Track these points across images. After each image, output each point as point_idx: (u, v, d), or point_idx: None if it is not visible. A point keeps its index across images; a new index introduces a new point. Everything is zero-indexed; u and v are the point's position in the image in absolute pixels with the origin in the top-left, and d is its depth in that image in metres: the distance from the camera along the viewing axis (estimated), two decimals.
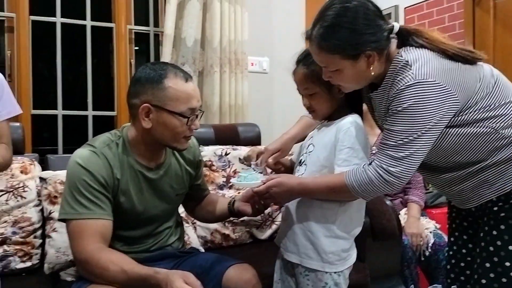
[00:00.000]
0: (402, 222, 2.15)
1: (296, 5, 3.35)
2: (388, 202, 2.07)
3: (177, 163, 1.52)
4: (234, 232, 2.12)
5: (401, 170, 1.17)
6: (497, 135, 1.20)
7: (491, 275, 1.25)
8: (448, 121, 1.17)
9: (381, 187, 1.19)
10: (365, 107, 1.43)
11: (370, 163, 1.21)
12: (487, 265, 1.25)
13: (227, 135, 2.44)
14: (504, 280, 1.22)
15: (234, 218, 1.88)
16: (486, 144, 1.21)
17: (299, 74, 1.34)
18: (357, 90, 1.31)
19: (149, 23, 3.00)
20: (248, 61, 3.08)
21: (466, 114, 1.19)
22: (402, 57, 1.19)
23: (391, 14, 3.16)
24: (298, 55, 1.36)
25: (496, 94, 1.22)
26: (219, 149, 2.27)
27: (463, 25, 2.77)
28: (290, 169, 1.54)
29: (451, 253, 1.44)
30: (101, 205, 1.31)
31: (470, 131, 1.20)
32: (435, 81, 1.13)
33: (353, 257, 1.38)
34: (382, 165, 1.18)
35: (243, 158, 1.56)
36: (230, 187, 2.18)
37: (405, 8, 3.13)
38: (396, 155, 1.16)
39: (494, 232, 1.25)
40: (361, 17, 1.15)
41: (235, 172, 2.21)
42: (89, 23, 2.80)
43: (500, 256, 1.23)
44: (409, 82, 1.14)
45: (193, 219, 1.91)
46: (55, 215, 1.69)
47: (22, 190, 1.80)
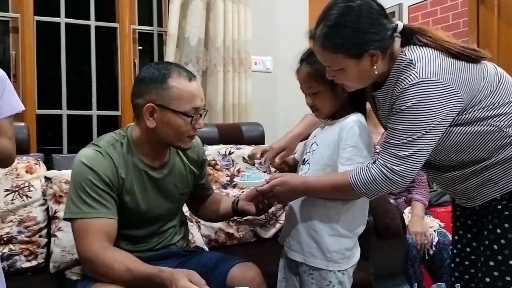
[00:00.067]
0: (406, 220, 2.15)
1: (299, 4, 3.35)
2: (392, 201, 2.07)
3: (181, 162, 1.52)
4: (238, 231, 2.13)
5: (405, 168, 1.16)
6: (501, 133, 1.20)
7: (495, 273, 1.25)
8: (452, 119, 1.17)
9: (385, 185, 1.19)
10: (368, 106, 1.43)
11: (374, 162, 1.21)
12: (491, 263, 1.25)
13: (230, 135, 2.44)
14: (508, 278, 1.22)
15: (238, 217, 1.89)
16: (490, 143, 1.21)
17: (303, 73, 1.34)
18: (360, 89, 1.31)
19: (153, 23, 3.00)
20: (252, 60, 3.07)
21: (470, 113, 1.19)
22: (406, 56, 1.19)
23: (394, 13, 3.14)
24: (301, 54, 1.36)
25: (500, 92, 1.22)
26: (222, 148, 2.27)
27: (467, 23, 2.76)
28: (293, 167, 1.53)
29: (455, 251, 1.44)
30: (106, 204, 1.32)
31: (474, 129, 1.19)
32: (439, 80, 1.13)
33: (356, 255, 1.38)
34: (386, 163, 1.18)
35: (247, 156, 1.56)
36: (234, 186, 2.18)
37: (409, 7, 3.11)
38: (400, 153, 1.16)
39: (498, 231, 1.25)
40: (365, 16, 1.15)
41: (238, 171, 2.21)
42: (93, 23, 2.81)
43: (504, 255, 1.23)
44: (413, 81, 1.14)
45: (197, 218, 1.91)
46: (60, 214, 1.70)
47: (28, 190, 1.81)
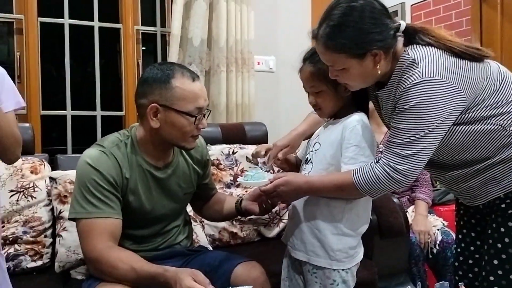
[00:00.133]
0: (410, 219, 2.15)
1: (302, 4, 3.34)
2: (395, 200, 2.07)
3: (185, 162, 1.53)
4: (242, 230, 2.13)
5: (408, 168, 1.17)
6: (504, 132, 1.20)
7: (499, 272, 1.25)
8: (455, 119, 1.17)
9: (388, 185, 1.19)
10: (371, 105, 1.43)
11: (377, 161, 1.21)
12: (495, 262, 1.25)
13: (234, 134, 2.44)
14: None
15: (242, 217, 1.89)
16: (493, 141, 1.21)
17: (306, 72, 1.34)
18: (363, 88, 1.31)
19: (156, 23, 3.01)
20: (255, 60, 3.07)
21: (473, 112, 1.18)
22: (408, 55, 1.19)
23: (397, 12, 3.14)
24: (304, 53, 1.36)
25: (503, 91, 1.22)
26: (226, 148, 2.27)
27: (470, 22, 2.75)
28: (295, 166, 1.54)
29: (459, 250, 1.44)
30: (110, 204, 1.32)
31: (477, 128, 1.19)
32: (441, 79, 1.13)
33: (360, 254, 1.38)
34: (389, 163, 1.18)
35: (251, 155, 1.56)
36: (238, 186, 2.19)
37: (411, 5, 3.11)
38: (403, 153, 1.16)
39: (502, 229, 1.25)
40: (367, 16, 1.15)
41: (242, 170, 2.22)
42: (96, 24, 2.82)
43: (508, 253, 1.23)
44: (416, 80, 1.14)
45: (201, 217, 1.92)
46: (65, 214, 1.70)
47: (33, 190, 1.82)
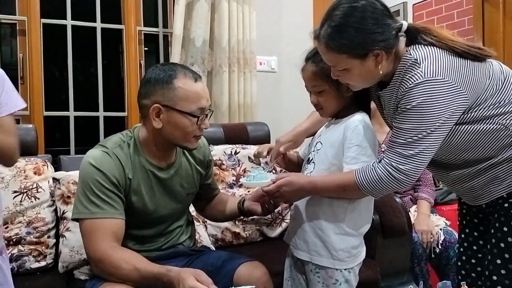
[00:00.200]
0: (412, 219, 2.15)
1: (303, 4, 3.34)
2: (397, 200, 2.07)
3: (187, 162, 1.53)
4: (244, 230, 2.13)
5: (411, 167, 1.17)
6: (507, 131, 1.20)
7: (502, 271, 1.25)
8: (457, 118, 1.17)
9: (390, 184, 1.19)
10: (374, 104, 1.43)
11: (380, 161, 1.21)
12: (498, 261, 1.25)
13: (236, 134, 2.44)
14: None
15: (244, 217, 1.90)
16: (496, 141, 1.21)
17: (308, 71, 1.34)
18: (365, 88, 1.31)
19: (158, 24, 3.01)
20: (257, 60, 3.07)
21: (476, 111, 1.19)
22: (411, 55, 1.19)
23: (399, 11, 3.14)
24: (307, 53, 1.36)
25: (506, 90, 1.22)
26: (228, 148, 2.28)
27: (472, 21, 2.75)
28: (296, 164, 1.55)
29: (461, 249, 1.44)
30: (113, 204, 1.33)
31: (480, 128, 1.19)
32: (443, 79, 1.13)
33: (362, 254, 1.38)
34: (391, 162, 1.18)
35: (253, 155, 1.57)
36: (240, 186, 2.19)
37: (413, 5, 3.10)
38: (405, 153, 1.17)
39: (505, 229, 1.25)
40: (369, 17, 1.15)
41: (244, 171, 2.22)
42: (99, 25, 2.82)
43: (511, 253, 1.23)
44: (418, 80, 1.14)
45: (203, 218, 1.92)
46: (69, 215, 1.71)
47: (36, 191, 1.82)
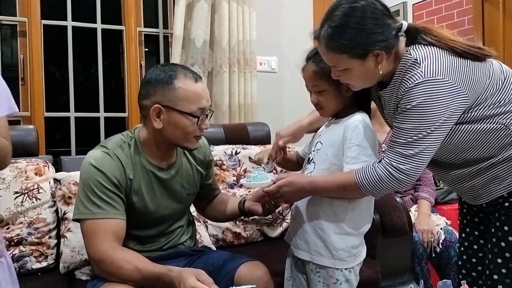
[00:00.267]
0: (413, 218, 2.15)
1: (303, 4, 3.35)
2: (398, 199, 2.07)
3: (188, 163, 1.53)
4: (245, 230, 2.14)
5: (411, 167, 1.17)
6: (507, 131, 1.20)
7: (503, 270, 1.25)
8: (457, 118, 1.17)
9: (390, 184, 1.19)
10: (374, 104, 1.43)
11: (380, 161, 1.21)
12: (499, 260, 1.25)
13: (237, 135, 2.45)
14: None
15: (245, 217, 1.90)
16: (496, 140, 1.21)
17: (309, 71, 1.35)
18: (365, 88, 1.31)
19: (159, 25, 3.01)
20: (257, 60, 3.07)
21: (476, 111, 1.19)
22: (411, 55, 1.19)
23: (399, 11, 3.14)
24: (308, 52, 1.37)
25: (506, 90, 1.22)
26: (229, 148, 2.28)
27: (472, 21, 2.75)
28: (295, 163, 1.55)
29: (462, 249, 1.44)
30: (114, 205, 1.33)
31: (480, 127, 1.19)
32: (443, 78, 1.13)
33: (363, 253, 1.39)
34: (391, 162, 1.18)
35: (253, 161, 1.56)
36: (241, 186, 2.19)
37: (413, 5, 3.11)
38: (405, 152, 1.17)
39: (506, 228, 1.25)
40: (369, 17, 1.15)
41: (245, 171, 2.22)
42: (99, 26, 2.82)
43: None
44: (418, 80, 1.14)
45: (204, 218, 1.92)
46: (70, 215, 1.71)
47: (37, 192, 1.82)
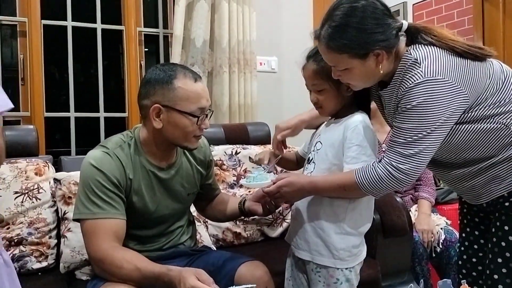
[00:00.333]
0: (413, 218, 2.15)
1: (303, 4, 3.35)
2: (398, 199, 2.07)
3: (188, 163, 1.53)
4: (245, 230, 2.13)
5: (411, 167, 1.17)
6: (507, 130, 1.20)
7: (504, 270, 1.25)
8: (457, 118, 1.17)
9: (390, 184, 1.19)
10: (374, 104, 1.43)
11: (380, 161, 1.21)
12: (499, 260, 1.25)
13: (237, 135, 2.44)
14: None
15: (245, 217, 1.90)
16: (496, 140, 1.21)
17: (309, 69, 1.35)
18: (365, 88, 1.31)
19: (158, 25, 3.01)
20: (257, 60, 3.07)
21: (476, 111, 1.19)
22: (411, 55, 1.19)
23: (399, 11, 3.14)
24: (308, 51, 1.36)
25: (506, 90, 1.22)
26: (229, 148, 2.28)
27: (472, 20, 2.75)
28: (294, 163, 1.56)
29: (462, 248, 1.44)
30: (114, 204, 1.33)
31: (480, 127, 1.19)
32: (444, 78, 1.13)
33: (363, 253, 1.39)
34: (391, 162, 1.18)
35: (254, 161, 1.56)
36: (241, 186, 2.18)
37: (413, 5, 3.11)
38: (405, 152, 1.17)
39: (506, 228, 1.25)
40: (369, 16, 1.15)
41: (245, 171, 2.22)
42: (99, 26, 2.82)
43: None
44: (418, 80, 1.14)
45: (204, 218, 1.92)
46: (70, 215, 1.71)
47: (37, 192, 1.82)
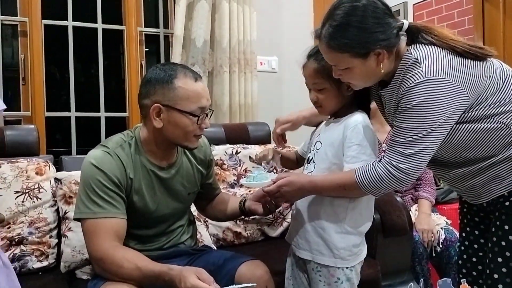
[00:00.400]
0: (413, 218, 2.15)
1: (304, 4, 3.35)
2: (398, 199, 2.07)
3: (188, 162, 1.53)
4: (245, 230, 2.14)
5: (411, 166, 1.17)
6: (508, 130, 1.20)
7: (504, 269, 1.25)
8: (457, 117, 1.17)
9: (390, 183, 1.20)
10: (375, 104, 1.44)
11: (380, 160, 1.21)
12: (499, 259, 1.25)
13: (237, 134, 2.45)
14: None
15: (245, 216, 1.90)
16: (497, 140, 1.21)
17: (309, 68, 1.34)
18: (366, 87, 1.31)
19: (159, 24, 3.01)
20: (257, 60, 3.08)
21: (476, 110, 1.19)
22: (411, 54, 1.19)
23: (399, 11, 3.14)
24: (309, 50, 1.36)
25: (506, 89, 1.22)
26: (229, 148, 2.28)
27: (472, 20, 2.75)
28: (294, 162, 1.56)
29: (462, 248, 1.44)
30: (115, 204, 1.33)
31: (480, 126, 1.20)
32: (444, 78, 1.13)
33: (364, 252, 1.39)
34: (391, 161, 1.18)
35: (257, 157, 1.56)
36: (241, 186, 2.18)
37: (413, 5, 3.11)
38: (405, 151, 1.17)
39: (506, 227, 1.25)
40: (370, 16, 1.16)
41: (245, 170, 2.22)
42: (100, 26, 2.82)
43: None
44: (418, 79, 1.14)
45: (205, 217, 1.92)
46: (70, 215, 1.72)
47: (38, 191, 1.82)
